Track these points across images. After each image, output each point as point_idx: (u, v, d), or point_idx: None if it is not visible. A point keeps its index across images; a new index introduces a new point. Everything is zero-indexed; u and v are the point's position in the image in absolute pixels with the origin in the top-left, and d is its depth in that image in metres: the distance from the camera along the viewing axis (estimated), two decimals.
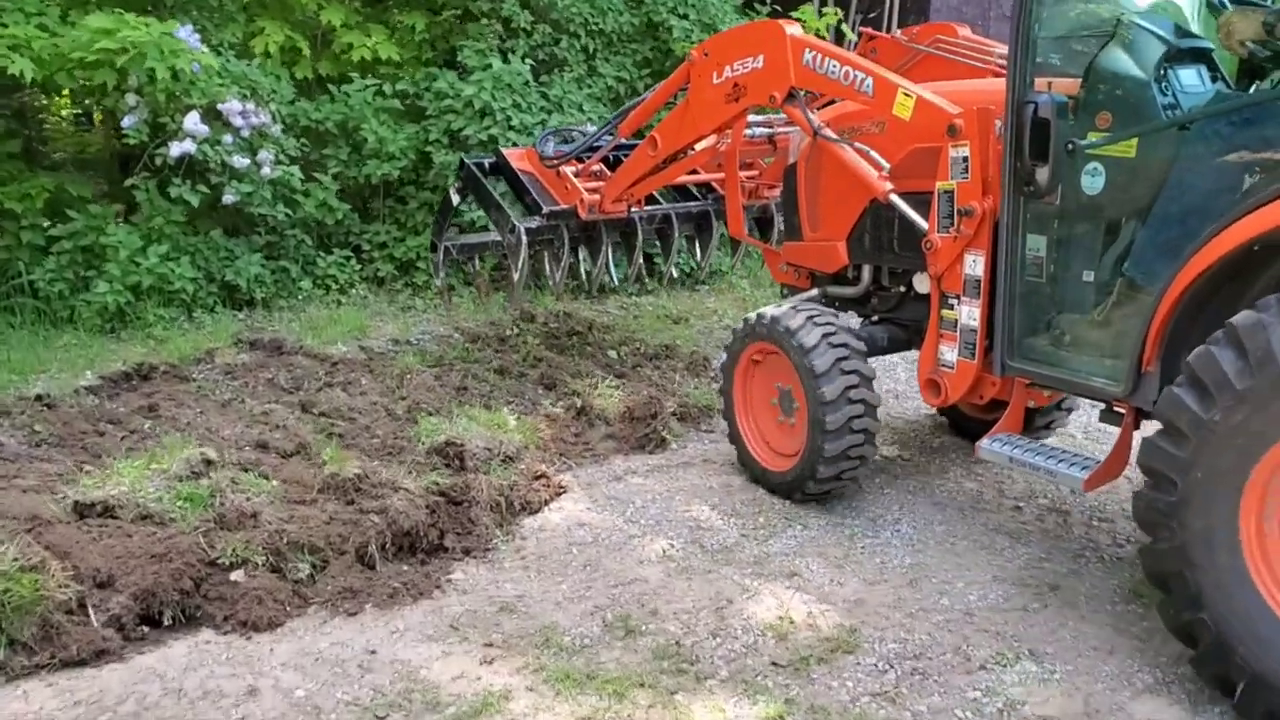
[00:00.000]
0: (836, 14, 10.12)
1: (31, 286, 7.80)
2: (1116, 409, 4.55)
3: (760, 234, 7.89)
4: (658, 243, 7.52)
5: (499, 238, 7.27)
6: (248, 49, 8.80)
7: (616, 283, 7.84)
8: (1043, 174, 4.35)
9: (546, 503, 5.34)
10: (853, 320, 5.83)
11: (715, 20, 9.66)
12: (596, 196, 6.77)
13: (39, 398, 6.36)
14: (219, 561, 4.28)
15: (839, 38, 10.28)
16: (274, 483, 4.90)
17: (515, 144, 8.44)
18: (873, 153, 5.12)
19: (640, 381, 7.10)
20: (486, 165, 7.11)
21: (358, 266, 8.88)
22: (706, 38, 9.57)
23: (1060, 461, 4.56)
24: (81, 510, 4.52)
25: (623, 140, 6.91)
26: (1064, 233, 4.50)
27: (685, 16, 9.65)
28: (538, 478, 5.44)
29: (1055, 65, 4.58)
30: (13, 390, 6.57)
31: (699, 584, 4.61)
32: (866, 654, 4.10)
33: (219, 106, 7.72)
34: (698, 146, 6.36)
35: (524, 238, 6.70)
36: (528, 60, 8.95)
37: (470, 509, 4.93)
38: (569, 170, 6.93)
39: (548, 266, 7.34)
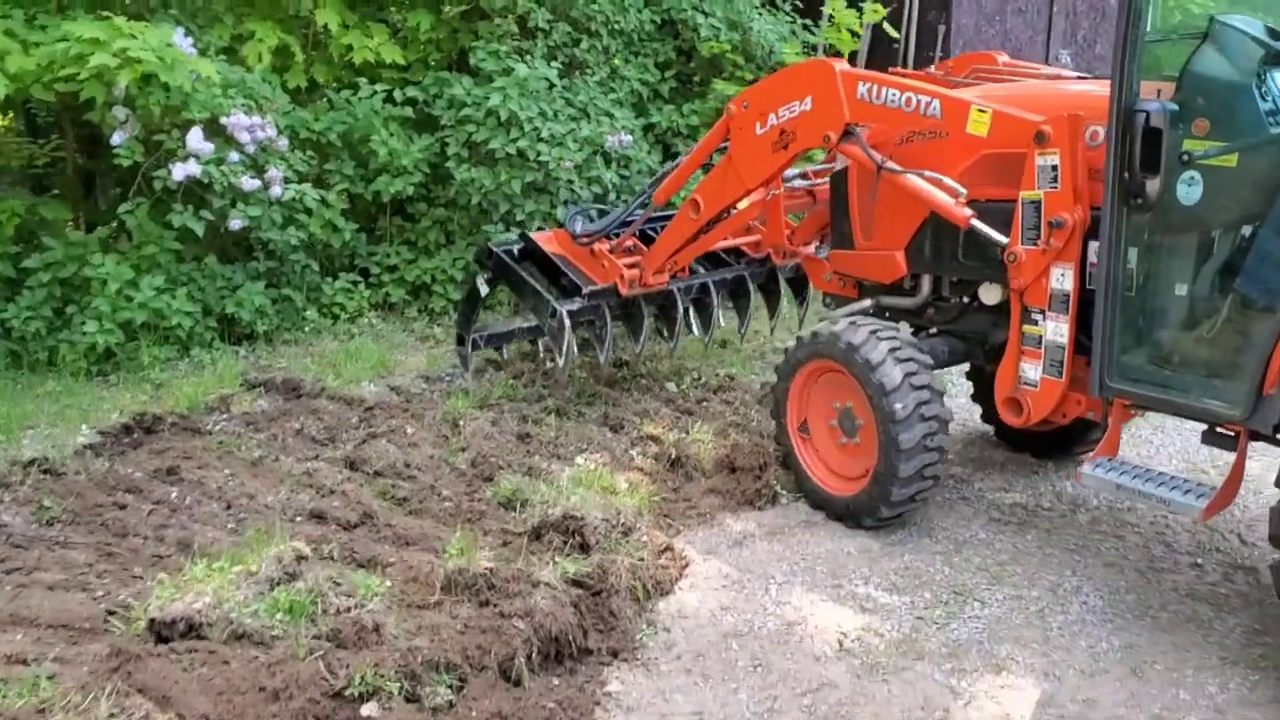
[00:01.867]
0: (877, 10, 9.47)
1: (3, 325, 6.81)
2: (1223, 431, 4.28)
3: (794, 293, 7.44)
4: (695, 313, 6.94)
5: (526, 324, 7.00)
6: (236, 53, 7.87)
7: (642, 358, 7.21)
8: (1153, 186, 4.07)
9: (675, 580, 4.61)
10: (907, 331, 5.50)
11: (741, 18, 8.95)
12: (636, 271, 6.37)
13: (38, 463, 5.45)
14: (346, 692, 3.47)
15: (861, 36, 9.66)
16: (386, 581, 4.07)
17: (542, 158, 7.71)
18: (947, 179, 4.77)
19: (714, 419, 6.37)
20: (516, 251, 6.63)
21: (366, 292, 8.01)
22: (734, 35, 8.96)
23: (1174, 489, 4.28)
24: (160, 630, 3.66)
25: (655, 212, 6.52)
26: (1167, 246, 4.26)
27: (710, 14, 8.92)
28: (663, 551, 4.70)
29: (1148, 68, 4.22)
30: (1, 454, 5.63)
31: (899, 688, 3.92)
32: None
33: (223, 121, 6.80)
34: (742, 204, 6.01)
35: (567, 321, 6.16)
36: (553, 65, 8.14)
37: (610, 599, 4.17)
38: (603, 247, 6.47)
39: (562, 355, 6.39)
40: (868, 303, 5.63)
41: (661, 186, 6.28)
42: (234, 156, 6.86)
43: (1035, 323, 4.64)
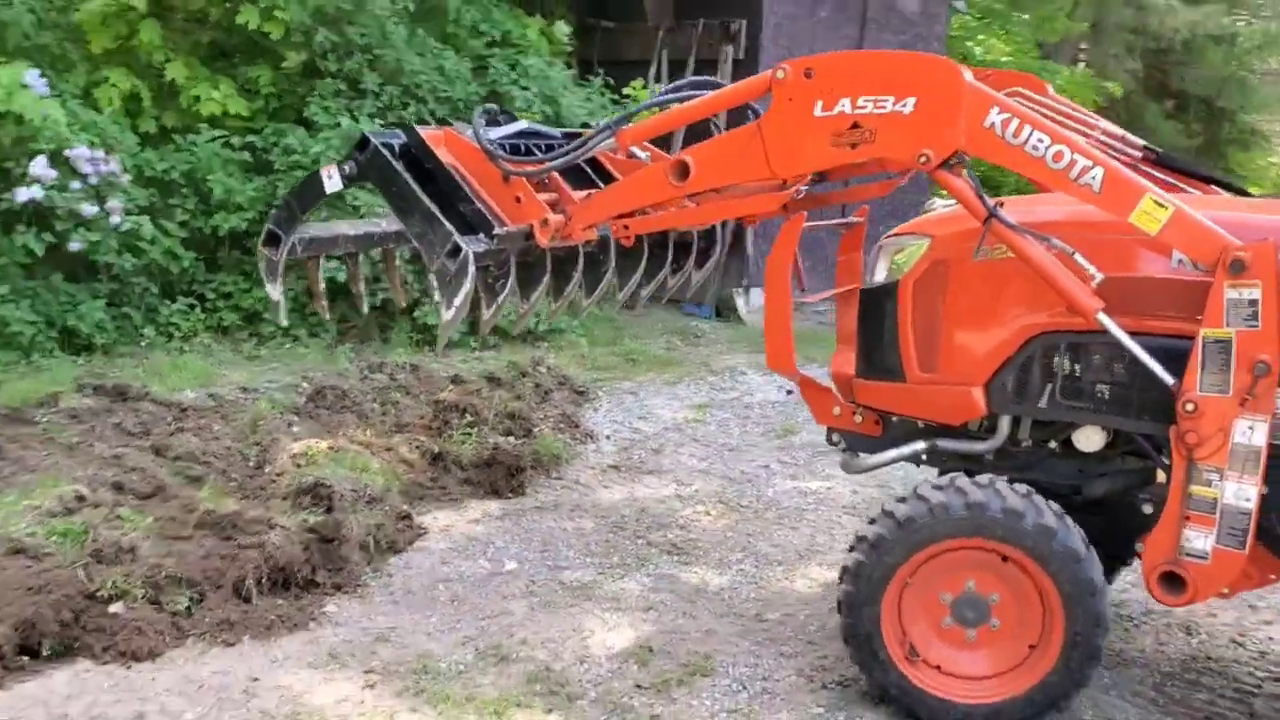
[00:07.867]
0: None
1: None
2: None
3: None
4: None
5: (356, 232, 5.24)
6: (91, 97, 8.78)
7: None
8: None
9: (411, 543, 5.58)
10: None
11: (556, 93, 10.15)
12: (561, 218, 4.52)
13: None
14: (98, 594, 4.37)
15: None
16: (150, 519, 4.99)
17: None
18: (1078, 257, 3.82)
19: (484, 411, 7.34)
20: (396, 147, 4.58)
21: (201, 315, 8.90)
22: (547, 108, 10.11)
23: None
24: None
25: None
26: None
27: (526, 89, 10.10)
28: (402, 518, 5.67)
29: None
30: None
31: (562, 617, 4.93)
32: (721, 677, 4.50)
33: (66, 153, 7.71)
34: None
35: (472, 265, 4.36)
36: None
37: (341, 547, 5.12)
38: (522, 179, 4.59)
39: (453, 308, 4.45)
40: (920, 445, 4.53)
41: (637, 126, 4.46)
42: (76, 185, 7.75)
43: (1208, 484, 3.83)
